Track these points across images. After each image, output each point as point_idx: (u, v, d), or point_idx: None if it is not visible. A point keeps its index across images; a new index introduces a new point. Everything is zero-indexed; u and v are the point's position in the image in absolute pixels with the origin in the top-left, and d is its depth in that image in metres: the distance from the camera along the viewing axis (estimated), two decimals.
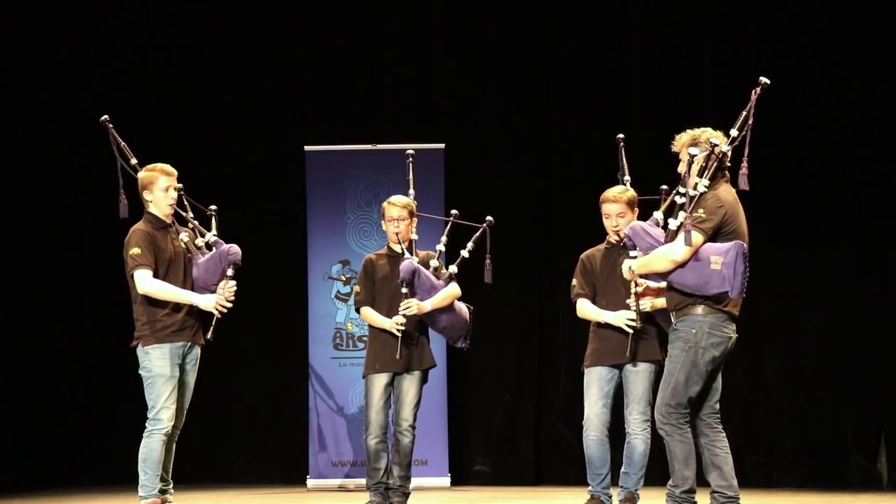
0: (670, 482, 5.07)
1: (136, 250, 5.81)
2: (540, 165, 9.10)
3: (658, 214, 5.38)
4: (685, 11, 8.81)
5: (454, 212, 6.57)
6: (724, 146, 5.04)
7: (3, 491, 8.17)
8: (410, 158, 6.60)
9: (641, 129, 8.41)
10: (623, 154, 6.39)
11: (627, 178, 6.33)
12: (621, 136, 6.41)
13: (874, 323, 8.45)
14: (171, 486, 6.04)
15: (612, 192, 6.12)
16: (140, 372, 5.87)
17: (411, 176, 6.57)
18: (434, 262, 6.41)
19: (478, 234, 6.42)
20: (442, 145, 8.62)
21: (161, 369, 5.82)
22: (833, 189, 8.54)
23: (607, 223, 6.08)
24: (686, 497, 5.00)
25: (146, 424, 5.83)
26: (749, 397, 8.63)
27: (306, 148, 8.69)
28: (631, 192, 6.11)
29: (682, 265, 4.96)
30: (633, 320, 5.92)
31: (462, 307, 6.46)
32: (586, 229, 6.68)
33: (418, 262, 6.31)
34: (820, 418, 8.49)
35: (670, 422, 5.01)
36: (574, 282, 6.24)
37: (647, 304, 5.80)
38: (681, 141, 5.16)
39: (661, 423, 5.05)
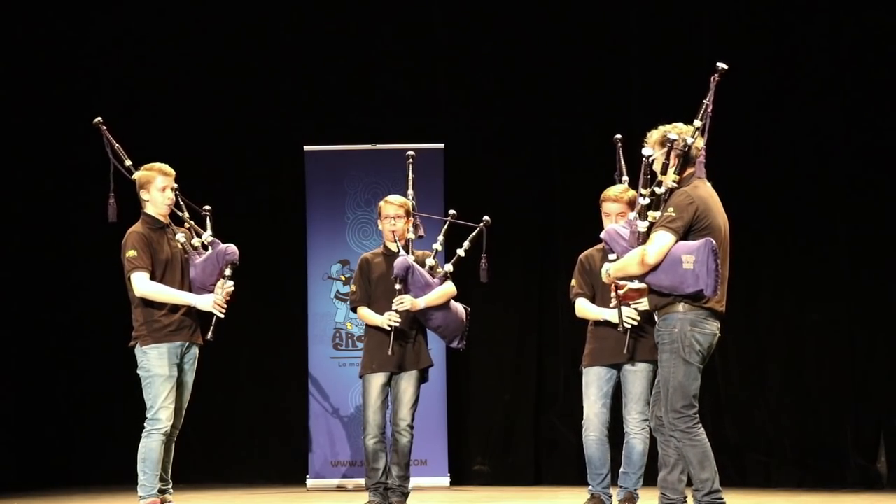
0: (692, 487, 5.03)
1: (132, 253, 5.82)
2: (540, 165, 9.09)
3: (633, 216, 5.36)
4: (685, 10, 8.80)
5: (452, 212, 6.57)
6: (688, 138, 4.98)
7: (3, 491, 8.17)
8: (411, 160, 6.60)
9: (641, 129, 8.37)
10: (621, 154, 6.39)
11: (625, 178, 6.33)
12: (619, 136, 6.41)
13: (874, 323, 8.45)
14: (171, 485, 6.04)
15: (612, 192, 6.12)
16: (138, 372, 5.88)
17: (411, 176, 6.57)
18: (430, 261, 6.41)
19: (474, 233, 6.43)
20: (442, 145, 8.62)
21: (159, 369, 5.82)
22: (832, 188, 8.53)
23: (607, 222, 6.06)
24: (710, 500, 4.91)
25: (145, 424, 5.83)
26: (749, 397, 8.63)
27: (306, 148, 8.70)
28: (632, 192, 6.09)
29: (655, 267, 4.93)
30: (632, 318, 5.93)
31: (458, 307, 6.46)
32: (586, 229, 6.67)
33: (414, 261, 6.32)
34: (819, 418, 8.48)
35: (679, 427, 4.94)
36: (573, 282, 6.25)
37: (646, 304, 5.75)
38: (651, 139, 5.12)
39: (672, 430, 4.97)
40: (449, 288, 6.37)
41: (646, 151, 5.00)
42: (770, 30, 8.65)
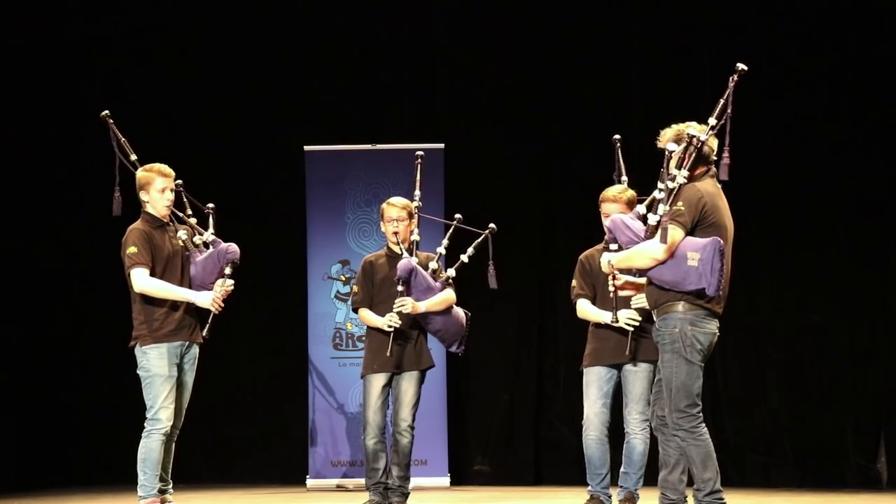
0: (694, 487, 5.03)
1: (132, 249, 5.81)
2: (540, 165, 9.10)
3: (641, 208, 5.35)
4: (685, 9, 8.80)
5: (458, 216, 6.57)
6: (703, 136, 4.98)
7: (3, 491, 8.17)
8: (420, 160, 6.59)
9: (641, 129, 8.39)
10: (620, 154, 6.39)
11: (624, 178, 6.33)
12: (617, 136, 6.41)
13: (874, 323, 8.45)
14: (171, 485, 6.04)
15: (611, 192, 6.11)
16: (138, 372, 5.87)
17: (419, 177, 6.56)
18: (433, 264, 6.42)
19: (479, 240, 6.43)
20: (442, 145, 8.62)
21: (159, 369, 5.81)
22: (833, 188, 8.53)
23: (606, 223, 6.06)
24: (711, 500, 4.91)
25: (145, 424, 5.82)
26: (749, 397, 8.63)
27: (306, 148, 8.69)
28: (630, 192, 6.10)
29: (662, 262, 4.94)
30: (632, 320, 5.93)
31: (459, 312, 6.46)
32: (586, 230, 6.68)
33: (417, 263, 6.32)
34: (819, 418, 8.48)
35: (683, 427, 4.94)
36: (574, 282, 6.24)
37: (644, 301, 5.74)
38: (665, 136, 5.11)
39: (676, 430, 4.97)
40: (449, 295, 6.38)
41: (670, 146, 5.00)
42: (770, 30, 8.65)
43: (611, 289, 5.70)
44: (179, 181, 6.01)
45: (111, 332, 7.65)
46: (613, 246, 5.21)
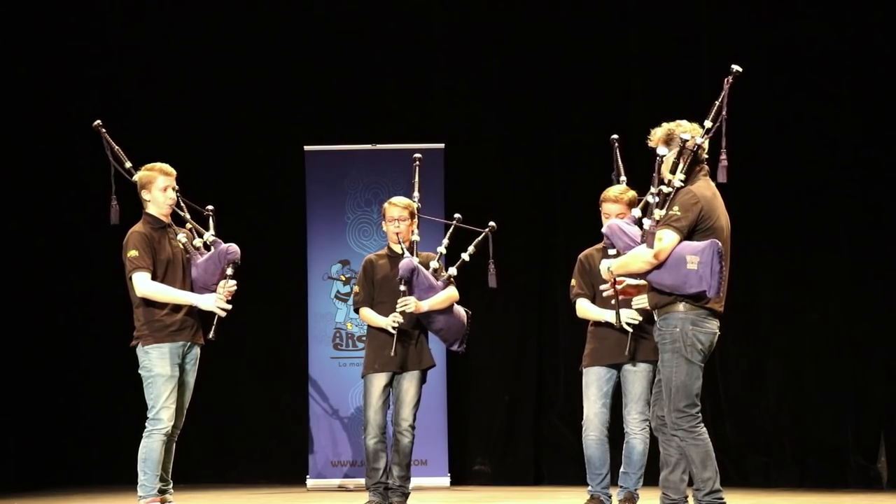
0: (694, 487, 5.04)
1: (133, 253, 5.81)
2: (540, 166, 9.10)
3: (636, 212, 5.36)
4: (684, 9, 8.80)
5: (457, 215, 6.57)
6: (698, 138, 4.98)
7: (3, 491, 8.17)
8: (418, 162, 6.59)
9: (641, 129, 8.35)
10: (618, 154, 6.39)
11: (623, 178, 6.33)
12: (615, 136, 6.41)
13: (874, 323, 8.45)
14: (171, 485, 6.04)
15: (612, 192, 6.11)
16: (140, 372, 5.87)
17: (417, 179, 6.56)
18: (434, 264, 6.42)
19: (479, 238, 6.44)
20: (442, 145, 8.62)
21: (161, 369, 5.81)
22: (833, 188, 8.53)
23: (603, 229, 6.05)
24: (711, 499, 4.92)
25: (146, 424, 5.82)
26: (749, 397, 8.63)
27: (306, 148, 8.70)
28: (632, 193, 6.10)
29: (659, 266, 4.92)
30: (633, 319, 5.93)
31: (460, 310, 6.47)
32: (586, 229, 6.68)
33: (418, 263, 6.33)
34: (819, 418, 8.48)
35: (682, 426, 4.95)
36: (573, 282, 6.24)
37: (646, 302, 5.74)
38: (656, 136, 5.12)
39: (675, 430, 4.98)
40: (452, 292, 6.39)
41: (660, 150, 5.00)
42: (771, 32, 8.65)
43: (609, 292, 5.70)
44: (176, 185, 6.00)
45: (111, 332, 7.66)
46: (612, 251, 5.21)
